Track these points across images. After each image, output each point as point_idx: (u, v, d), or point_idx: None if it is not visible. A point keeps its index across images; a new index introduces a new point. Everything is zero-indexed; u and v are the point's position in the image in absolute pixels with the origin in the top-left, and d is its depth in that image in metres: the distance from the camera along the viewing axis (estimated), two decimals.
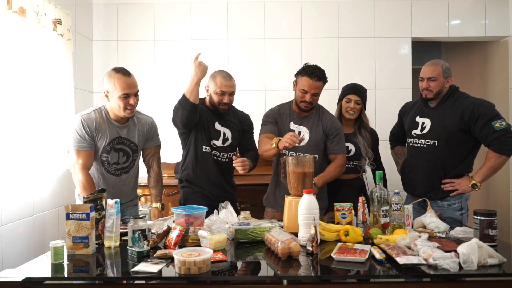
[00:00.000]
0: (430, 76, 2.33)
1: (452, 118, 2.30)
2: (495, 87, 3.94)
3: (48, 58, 2.77)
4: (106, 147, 2.16)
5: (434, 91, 2.33)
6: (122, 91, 2.07)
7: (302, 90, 2.29)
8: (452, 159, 2.33)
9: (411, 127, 2.47)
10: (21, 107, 2.50)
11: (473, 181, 2.28)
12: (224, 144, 2.42)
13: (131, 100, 2.11)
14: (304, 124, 2.37)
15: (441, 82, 2.32)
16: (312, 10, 3.69)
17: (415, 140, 2.44)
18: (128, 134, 2.23)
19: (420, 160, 2.40)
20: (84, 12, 3.54)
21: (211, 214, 2.00)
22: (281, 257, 1.54)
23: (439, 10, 3.69)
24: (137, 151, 2.29)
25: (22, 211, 2.55)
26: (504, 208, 3.71)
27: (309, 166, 2.00)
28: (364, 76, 3.58)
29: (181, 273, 1.38)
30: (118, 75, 2.09)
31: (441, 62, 2.37)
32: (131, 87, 2.11)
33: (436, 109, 2.39)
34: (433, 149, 2.35)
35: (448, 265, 1.38)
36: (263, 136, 2.33)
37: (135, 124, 2.27)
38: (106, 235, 1.75)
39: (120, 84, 2.07)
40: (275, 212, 2.42)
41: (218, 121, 2.41)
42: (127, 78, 2.10)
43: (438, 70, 2.32)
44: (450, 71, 2.36)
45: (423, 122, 2.41)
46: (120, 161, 2.22)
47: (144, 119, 2.32)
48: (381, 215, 1.86)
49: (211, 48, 3.69)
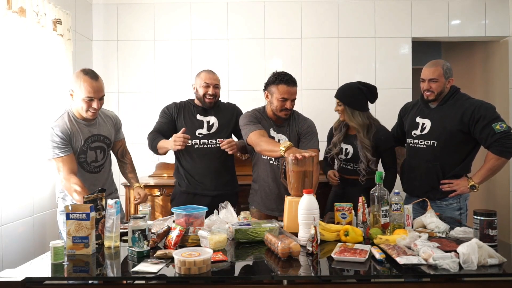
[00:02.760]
0: (431, 77, 2.32)
1: (452, 119, 2.29)
2: (495, 87, 3.94)
3: (48, 58, 2.77)
4: (82, 148, 2.18)
5: (436, 92, 2.32)
6: (87, 94, 2.09)
7: (282, 99, 2.24)
8: (451, 160, 2.32)
9: (411, 127, 2.46)
10: (21, 107, 2.50)
11: (471, 182, 2.28)
12: (210, 131, 2.50)
13: (94, 103, 2.12)
14: (282, 131, 2.36)
15: (442, 83, 2.32)
16: (312, 10, 3.69)
17: (415, 140, 2.43)
18: (100, 130, 2.27)
19: (420, 161, 2.39)
20: (84, 12, 3.54)
21: (211, 214, 2.01)
22: (281, 257, 1.54)
23: (439, 10, 3.69)
24: (111, 145, 2.36)
25: (22, 211, 2.55)
26: (504, 208, 3.71)
27: (309, 165, 2.00)
28: (364, 76, 3.58)
29: (181, 273, 1.38)
30: (85, 77, 2.09)
31: (441, 63, 2.35)
32: (97, 91, 2.11)
33: (436, 110, 2.38)
34: (433, 149, 2.34)
35: (448, 265, 1.38)
36: (256, 134, 2.21)
37: (103, 119, 2.32)
38: (106, 235, 1.76)
39: (85, 87, 2.08)
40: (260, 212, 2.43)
41: (200, 113, 2.53)
42: (94, 82, 2.10)
43: (439, 71, 2.31)
44: (451, 71, 2.35)
45: (423, 123, 2.40)
46: (98, 158, 2.27)
47: (109, 113, 2.40)
48: (381, 215, 1.86)
49: (211, 48, 3.69)
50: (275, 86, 2.27)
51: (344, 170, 2.51)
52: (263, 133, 2.23)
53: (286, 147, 2.00)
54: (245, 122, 2.31)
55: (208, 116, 2.52)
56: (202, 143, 2.48)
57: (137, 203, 2.34)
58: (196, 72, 2.56)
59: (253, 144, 2.23)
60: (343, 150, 2.48)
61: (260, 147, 2.17)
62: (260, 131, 2.24)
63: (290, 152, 1.98)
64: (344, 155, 2.47)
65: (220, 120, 2.52)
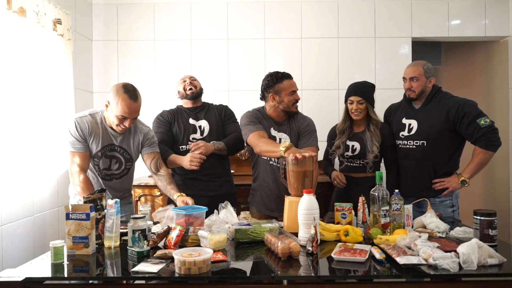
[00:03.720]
0: (412, 76, 2.39)
1: (438, 118, 2.36)
2: (495, 87, 3.94)
3: (48, 58, 2.77)
4: (97, 153, 2.14)
5: (417, 91, 2.39)
6: (121, 114, 2.04)
7: (291, 92, 2.30)
8: (441, 158, 2.39)
9: (399, 128, 2.50)
10: (21, 107, 2.50)
11: (462, 177, 2.34)
12: (203, 136, 2.53)
13: (127, 122, 2.08)
14: (283, 130, 2.36)
15: (423, 82, 2.39)
16: (312, 10, 3.70)
17: (403, 141, 2.47)
18: (122, 143, 2.19)
19: (411, 161, 2.44)
20: (84, 12, 3.54)
21: (211, 214, 2.00)
22: (281, 257, 1.54)
23: (439, 10, 3.69)
24: (131, 160, 2.25)
25: (22, 211, 2.55)
26: (504, 208, 3.71)
27: (309, 165, 2.00)
28: (364, 76, 3.57)
29: (181, 273, 1.38)
30: (125, 96, 2.03)
31: (422, 63, 2.42)
32: (132, 112, 2.06)
33: (421, 110, 2.44)
34: (422, 149, 2.39)
35: (448, 265, 1.38)
36: (255, 135, 2.21)
37: (131, 134, 2.23)
38: (106, 235, 1.75)
39: (122, 106, 2.02)
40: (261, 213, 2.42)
41: (192, 117, 2.56)
42: (133, 103, 2.05)
43: (420, 70, 2.39)
44: (432, 71, 2.42)
45: (410, 124, 2.45)
46: (112, 167, 2.20)
47: (141, 128, 2.27)
48: (381, 215, 1.86)
49: (211, 48, 3.69)
50: (279, 84, 2.29)
51: (349, 168, 2.51)
52: (262, 134, 2.23)
53: (285, 147, 2.01)
54: (246, 122, 2.31)
55: (200, 120, 2.56)
56: None
57: None
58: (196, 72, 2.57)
59: (253, 145, 2.23)
60: (349, 148, 2.49)
61: (260, 148, 2.17)
62: (260, 132, 2.23)
63: (290, 152, 1.98)
64: (351, 152, 2.48)
65: (210, 123, 2.56)
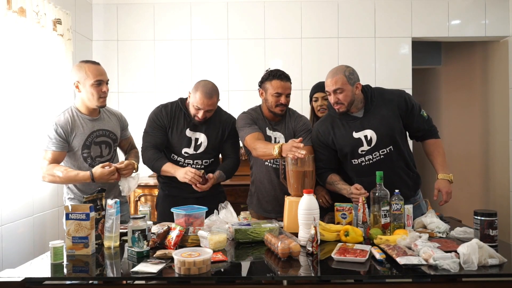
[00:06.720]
0: (334, 88, 2.08)
1: (391, 116, 2.13)
2: (495, 87, 3.94)
3: (48, 58, 2.77)
4: (85, 143, 2.17)
5: (346, 103, 2.09)
6: (95, 78, 2.12)
7: (276, 94, 2.23)
8: (406, 156, 2.18)
9: (355, 146, 2.13)
10: (21, 107, 2.50)
11: (446, 176, 2.14)
12: (196, 151, 2.33)
13: (104, 87, 2.17)
14: (278, 129, 2.33)
15: (349, 91, 2.08)
16: (312, 10, 3.69)
17: (366, 157, 2.13)
18: (104, 125, 2.26)
19: (386, 172, 2.02)
20: (84, 12, 3.54)
21: (211, 214, 2.00)
22: (281, 257, 1.54)
23: (439, 10, 3.69)
24: (117, 140, 2.34)
25: (22, 211, 2.54)
26: (504, 208, 3.71)
27: (308, 165, 2.00)
28: (364, 76, 3.54)
29: (181, 273, 1.38)
30: (88, 64, 2.16)
31: (342, 69, 2.11)
32: (103, 74, 2.18)
33: (369, 116, 2.13)
34: (391, 155, 2.12)
35: (448, 266, 1.38)
36: (251, 137, 2.18)
37: (108, 116, 2.32)
38: (106, 235, 1.75)
39: (91, 71, 2.13)
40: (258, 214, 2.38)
41: (190, 128, 2.33)
42: (98, 66, 2.18)
43: (342, 79, 2.07)
44: (355, 74, 2.12)
45: (365, 135, 2.12)
46: (103, 153, 2.25)
47: (114, 111, 2.40)
48: (381, 215, 1.86)
49: (211, 48, 3.69)
50: (269, 82, 2.27)
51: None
52: (258, 136, 2.20)
53: (279, 148, 2.00)
54: (242, 124, 2.29)
55: (198, 132, 2.33)
56: (187, 163, 2.33)
57: (118, 168, 2.14)
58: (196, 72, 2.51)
59: (249, 148, 2.21)
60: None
61: (256, 151, 2.14)
62: (255, 134, 2.20)
63: (284, 150, 1.96)
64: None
65: (209, 137, 2.34)
